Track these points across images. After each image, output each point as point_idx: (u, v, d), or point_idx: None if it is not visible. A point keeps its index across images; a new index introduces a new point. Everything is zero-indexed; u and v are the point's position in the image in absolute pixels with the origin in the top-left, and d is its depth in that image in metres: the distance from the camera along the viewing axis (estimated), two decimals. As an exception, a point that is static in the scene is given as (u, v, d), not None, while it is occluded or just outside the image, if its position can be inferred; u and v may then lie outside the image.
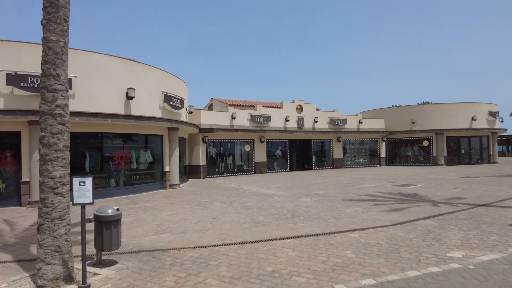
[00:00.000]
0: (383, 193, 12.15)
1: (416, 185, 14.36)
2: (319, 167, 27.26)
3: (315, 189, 13.82)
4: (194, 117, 20.61)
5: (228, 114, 22.01)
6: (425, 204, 9.65)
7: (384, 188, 13.59)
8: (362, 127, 28.62)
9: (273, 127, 23.94)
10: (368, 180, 17.06)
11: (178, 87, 16.80)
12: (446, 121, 28.34)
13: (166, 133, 15.64)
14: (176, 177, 15.77)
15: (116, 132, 13.54)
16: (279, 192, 13.27)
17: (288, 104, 25.30)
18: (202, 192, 13.94)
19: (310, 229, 7.00)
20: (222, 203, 10.81)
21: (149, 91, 14.38)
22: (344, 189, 13.59)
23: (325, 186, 15.03)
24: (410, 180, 16.79)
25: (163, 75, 15.35)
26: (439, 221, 7.39)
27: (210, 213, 9.06)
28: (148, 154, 14.94)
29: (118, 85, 13.06)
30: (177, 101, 15.93)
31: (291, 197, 11.68)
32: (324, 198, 11.24)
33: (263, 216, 8.43)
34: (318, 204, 10.15)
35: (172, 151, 15.67)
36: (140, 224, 7.95)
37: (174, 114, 15.94)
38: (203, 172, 20.49)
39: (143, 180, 14.66)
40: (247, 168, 23.53)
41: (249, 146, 23.56)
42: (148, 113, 14.02)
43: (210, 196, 12.47)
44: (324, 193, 12.66)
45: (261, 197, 11.84)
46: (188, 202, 11.27)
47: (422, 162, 29.26)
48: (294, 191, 13.49)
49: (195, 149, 20.64)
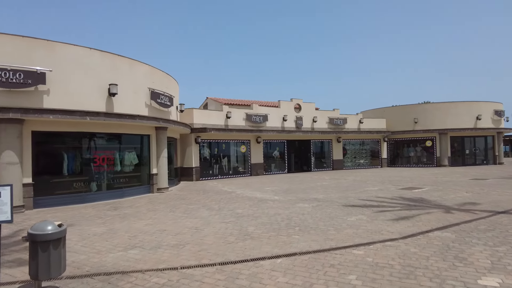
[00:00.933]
0: (388, 198, 11.09)
1: (422, 188, 13.29)
2: (319, 169, 26.19)
3: (314, 193, 12.75)
4: (186, 116, 19.54)
5: (223, 113, 20.95)
6: (436, 211, 8.59)
7: (388, 192, 12.53)
8: (363, 127, 27.57)
9: (270, 127, 22.88)
10: (370, 183, 16.00)
11: (168, 84, 15.75)
12: (450, 120, 27.30)
13: (153, 133, 14.57)
14: (165, 180, 14.68)
15: (97, 131, 12.46)
16: (275, 196, 12.20)
17: (286, 103, 24.24)
18: (191, 196, 12.87)
19: (306, 243, 5.93)
20: (210, 210, 9.74)
21: (134, 88, 13.33)
22: (345, 193, 12.53)
23: (325, 189, 13.96)
24: (415, 182, 15.73)
25: (150, 71, 14.29)
26: (458, 233, 6.32)
27: (193, 223, 7.98)
28: (133, 155, 13.86)
29: (99, 80, 12.01)
30: (166, 98, 14.87)
31: (287, 203, 10.61)
32: (323, 204, 10.17)
33: (253, 226, 7.35)
34: (317, 211, 9.07)
35: (160, 152, 14.59)
36: (110, 236, 6.88)
37: (163, 112, 14.87)
38: (195, 174, 19.40)
39: (128, 184, 13.57)
40: (243, 170, 22.45)
41: (245, 147, 22.48)
42: (133, 111, 12.95)
43: (198, 202, 11.40)
44: (323, 197, 11.59)
45: (254, 203, 10.77)
46: (173, 208, 10.19)
47: (425, 163, 28.20)
48: (291, 195, 12.42)
49: (187, 150, 19.56)
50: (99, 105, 11.92)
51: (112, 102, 12.37)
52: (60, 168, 11.71)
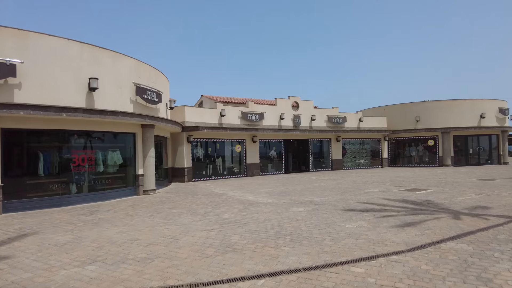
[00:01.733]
0: (391, 200, 10.17)
1: (427, 190, 12.38)
2: (317, 169, 25.27)
3: (310, 195, 11.83)
4: (177, 114, 18.63)
5: (217, 111, 20.03)
6: (445, 216, 7.68)
7: (390, 194, 11.61)
8: (363, 126, 26.66)
9: (266, 126, 21.96)
10: (370, 184, 15.08)
11: (156, 79, 14.83)
12: (453, 118, 26.39)
13: (139, 131, 13.65)
14: (152, 182, 13.76)
15: (77, 129, 11.55)
16: (268, 199, 11.28)
17: (283, 100, 23.33)
18: (178, 199, 11.95)
19: (297, 257, 5.02)
20: (194, 214, 8.82)
21: (118, 82, 12.41)
22: (344, 195, 11.61)
23: (322, 191, 13.04)
24: (418, 183, 14.81)
25: (136, 65, 13.38)
26: (475, 244, 5.41)
27: (172, 230, 7.07)
28: (117, 155, 12.95)
29: (78, 74, 11.09)
30: (153, 94, 13.95)
31: (280, 206, 9.69)
32: (320, 208, 9.26)
33: (238, 235, 6.44)
34: (312, 216, 8.16)
35: (146, 152, 13.67)
36: (73, 247, 5.97)
37: (149, 109, 13.95)
38: (187, 175, 18.48)
39: (111, 186, 12.65)
40: (238, 170, 21.53)
41: (240, 146, 21.56)
42: (117, 107, 12.04)
43: (184, 205, 10.48)
44: (320, 200, 10.67)
45: (244, 206, 9.85)
46: (155, 213, 9.28)
47: (427, 163, 27.29)
48: (286, 198, 11.50)
49: (178, 149, 18.65)
50: (78, 101, 11.01)
51: (92, 97, 11.46)
52: (35, 168, 10.79)
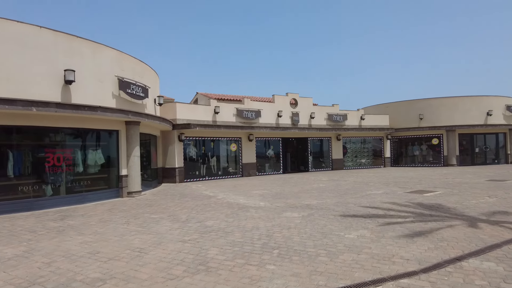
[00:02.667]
0: (395, 204, 9.16)
1: (434, 192, 11.35)
2: (317, 169, 24.25)
3: (307, 198, 10.82)
4: (168, 111, 17.65)
5: (210, 108, 19.03)
6: (460, 223, 6.66)
7: (395, 196, 10.59)
8: (364, 124, 25.62)
9: (263, 124, 20.95)
10: (373, 185, 14.06)
11: (142, 73, 13.83)
12: (458, 116, 25.33)
13: (123, 128, 12.65)
14: (136, 183, 12.77)
15: (51, 126, 10.55)
16: (260, 202, 10.27)
17: (281, 97, 22.31)
18: (162, 202, 10.95)
19: (283, 281, 4.01)
20: (174, 221, 7.82)
21: (98, 75, 11.43)
22: (344, 198, 10.60)
23: (321, 193, 12.03)
24: (424, 184, 13.79)
25: (119, 57, 12.38)
26: (505, 263, 4.39)
27: (143, 241, 6.07)
28: (98, 154, 11.96)
29: (52, 65, 10.10)
30: (139, 89, 12.95)
31: (272, 211, 8.69)
32: (317, 213, 8.24)
33: (217, 249, 5.43)
34: (307, 223, 7.15)
35: (131, 151, 12.68)
36: (17, 263, 4.97)
37: (135, 105, 12.96)
38: (179, 175, 17.48)
39: (91, 187, 11.66)
40: (233, 170, 20.53)
41: (236, 145, 20.55)
42: (97, 102, 11.05)
43: (166, 210, 9.48)
44: (317, 204, 9.66)
45: (233, 211, 8.85)
46: (132, 218, 8.28)
47: (431, 163, 26.24)
48: (280, 201, 10.49)
49: (169, 148, 17.65)
50: (52, 95, 10.01)
51: (69, 91, 10.47)
52: (3, 169, 9.82)
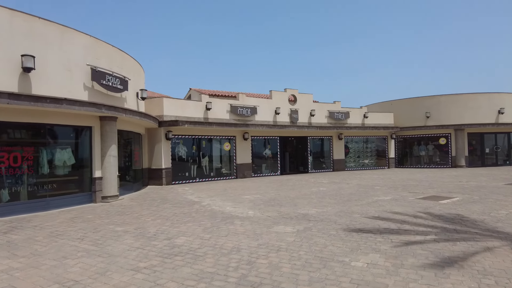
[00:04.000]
0: (409, 214, 7.68)
1: (452, 198, 9.87)
2: (317, 170, 22.76)
3: (305, 206, 9.35)
4: (155, 106, 16.19)
5: (202, 104, 17.56)
6: (499, 245, 5.19)
7: (406, 203, 9.12)
8: (368, 122, 24.13)
9: (259, 121, 19.48)
10: (379, 189, 12.58)
11: (122, 63, 12.36)
12: (468, 114, 23.79)
13: (96, 124, 11.20)
14: (113, 186, 11.31)
15: (5, 120, 9.09)
16: (250, 211, 8.80)
17: (279, 93, 20.82)
18: (136, 210, 9.49)
19: None
20: (138, 236, 6.36)
21: (67, 63, 9.97)
22: (348, 205, 9.12)
23: (320, 199, 10.56)
24: (436, 188, 12.31)
25: (93, 44, 10.92)
26: None
27: (84, 268, 4.61)
28: (68, 153, 10.51)
29: (6, 49, 8.65)
30: (116, 80, 11.49)
31: (261, 224, 7.22)
32: (315, 227, 6.78)
33: (176, 285, 3.97)
34: (302, 242, 5.68)
35: (106, 150, 11.22)
36: None
37: (111, 98, 11.50)
38: (166, 177, 16.00)
39: (58, 191, 10.21)
40: (227, 171, 19.06)
41: (229, 144, 19.08)
42: (65, 93, 9.59)
43: (137, 220, 8.02)
44: (316, 213, 8.19)
45: (214, 223, 7.38)
46: (90, 232, 6.82)
47: (438, 164, 24.73)
48: (273, 209, 9.02)
49: (155, 148, 16.19)
50: (5, 83, 8.55)
51: (28, 80, 9.01)
52: (-51, 171, 8.39)
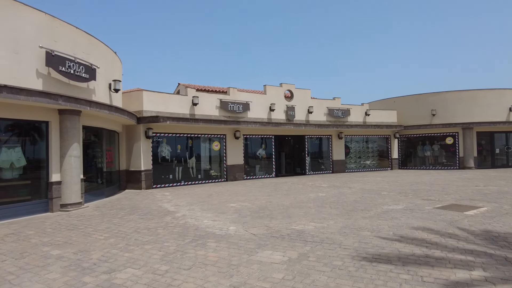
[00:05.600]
0: (434, 232, 5.99)
1: (478, 208, 8.19)
2: (315, 172, 21.07)
3: (301, 218, 7.64)
4: (134, 100, 14.47)
5: (187, 99, 15.84)
6: None
7: (425, 216, 7.42)
8: (369, 121, 22.47)
9: (252, 118, 17.77)
10: (387, 195, 10.90)
11: (89, 49, 10.60)
12: (477, 112, 22.17)
13: (54, 119, 9.45)
14: (74, 192, 9.56)
15: None
16: (231, 225, 7.08)
17: (274, 88, 19.13)
18: (93, 223, 7.75)
19: None
20: (70, 267, 4.62)
21: (12, 44, 8.23)
22: (353, 218, 7.43)
23: (320, 208, 8.86)
24: (452, 194, 10.65)
25: (48, 23, 9.16)
26: None
27: None
28: (17, 153, 8.76)
29: None
30: (79, 67, 9.74)
31: (243, 246, 5.51)
32: (313, 253, 5.07)
33: None
34: (295, 281, 3.95)
35: (66, 149, 9.48)
36: None
37: (74, 89, 9.74)
38: (145, 180, 14.24)
39: (4, 199, 8.47)
40: (216, 173, 17.33)
41: (219, 143, 17.37)
42: (7, 80, 7.86)
43: (85, 239, 6.28)
44: (315, 230, 6.48)
45: (180, 246, 5.66)
46: (11, 257, 5.09)
47: (444, 165, 23.10)
48: (261, 222, 7.31)
49: (134, 147, 14.45)
50: None
51: (-41, 63, 7.28)
52: None
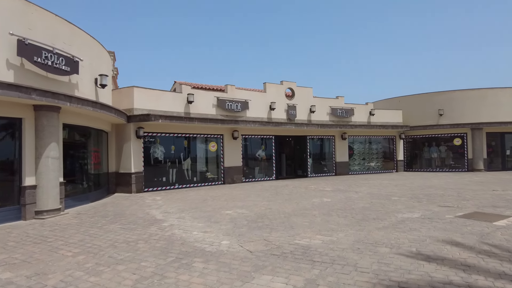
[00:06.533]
0: (465, 248, 4.99)
1: (508, 217, 7.18)
2: (317, 174, 20.06)
3: (305, 229, 6.64)
4: (124, 98, 13.49)
5: (182, 96, 14.85)
6: None
7: (448, 227, 6.43)
8: (374, 121, 21.48)
9: (251, 118, 16.78)
10: (398, 200, 9.89)
11: (71, 39, 9.60)
12: (486, 111, 21.19)
13: (29, 116, 8.44)
14: (52, 197, 8.56)
15: None
16: (224, 239, 6.08)
17: (274, 86, 18.15)
18: (68, 235, 6.74)
19: None
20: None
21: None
22: (366, 229, 6.42)
23: (326, 216, 7.85)
24: (471, 200, 9.65)
25: (21, 7, 8.16)
26: None
27: None
28: (-16, 154, 7.78)
29: None
30: (59, 59, 8.73)
31: (236, 269, 4.50)
32: (323, 278, 4.05)
33: None
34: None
35: (42, 149, 8.48)
36: None
37: (53, 83, 8.74)
38: (136, 183, 13.22)
39: (-32, 206, 7.49)
40: (213, 176, 16.33)
41: (216, 144, 16.37)
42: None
43: (49, 256, 5.27)
44: (323, 245, 5.48)
45: (161, 267, 4.66)
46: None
47: (452, 167, 22.12)
48: (259, 235, 6.30)
49: (124, 148, 13.44)
50: None
51: None
52: None
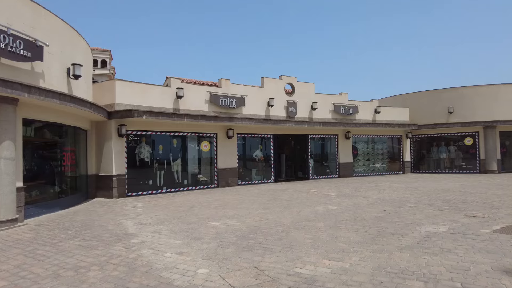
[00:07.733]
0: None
1: (556, 233, 5.82)
2: (319, 176, 18.67)
3: (308, 250, 5.26)
4: (106, 92, 12.14)
5: (171, 91, 13.51)
6: None
7: (490, 247, 5.05)
8: (379, 119, 20.11)
9: (247, 115, 15.43)
10: (414, 208, 8.51)
11: (35, 21, 8.21)
12: (500, 109, 19.83)
13: (-25, 109, 7.10)
14: (5, 206, 7.16)
15: None
16: (202, 266, 4.69)
17: (273, 81, 16.78)
18: (6, 257, 5.38)
19: None
20: None
21: None
22: (385, 250, 5.05)
23: (333, 230, 6.47)
24: (500, 207, 8.27)
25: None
26: None
27: None
28: None
29: None
30: (16, 42, 7.37)
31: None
32: None
33: None
34: None
35: (-8, 150, 7.12)
36: None
37: (7, 69, 7.36)
38: (118, 187, 11.84)
39: None
40: (205, 178, 14.95)
41: (209, 143, 15.00)
42: None
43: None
44: (332, 275, 4.09)
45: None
46: None
47: (462, 168, 20.74)
48: (249, 259, 4.93)
49: (105, 148, 12.07)
50: None
51: None
52: None
